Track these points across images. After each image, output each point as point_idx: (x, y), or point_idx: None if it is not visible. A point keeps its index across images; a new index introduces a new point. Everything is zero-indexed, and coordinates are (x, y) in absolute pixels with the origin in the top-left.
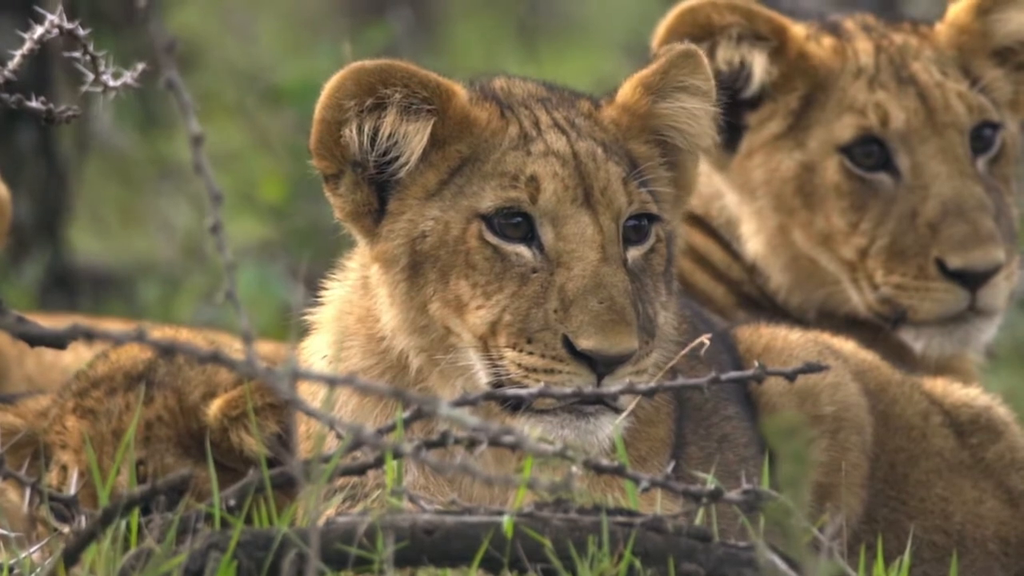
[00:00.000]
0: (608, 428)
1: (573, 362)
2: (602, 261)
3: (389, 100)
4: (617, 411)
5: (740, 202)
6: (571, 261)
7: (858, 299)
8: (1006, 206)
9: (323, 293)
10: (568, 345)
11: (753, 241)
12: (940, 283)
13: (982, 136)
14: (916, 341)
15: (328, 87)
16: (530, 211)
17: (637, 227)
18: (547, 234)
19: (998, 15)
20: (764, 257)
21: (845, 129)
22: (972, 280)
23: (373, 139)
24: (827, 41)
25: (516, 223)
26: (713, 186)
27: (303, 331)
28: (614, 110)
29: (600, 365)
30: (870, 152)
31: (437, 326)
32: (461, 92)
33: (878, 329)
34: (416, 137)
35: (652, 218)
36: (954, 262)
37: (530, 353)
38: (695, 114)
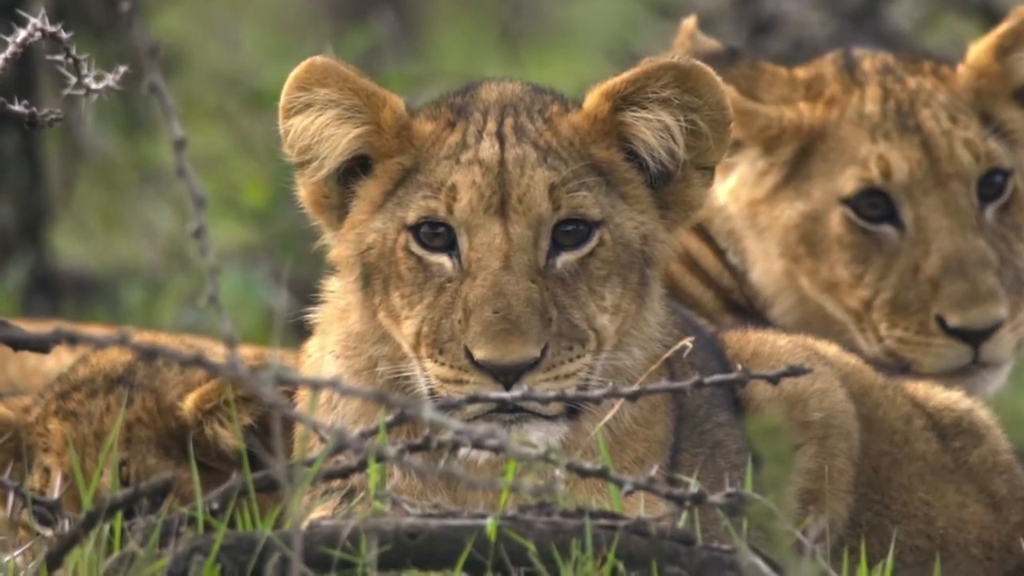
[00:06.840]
0: (538, 434)
1: (476, 372)
2: (503, 270)
3: (322, 99)
4: (547, 417)
5: (748, 237)
6: (477, 271)
7: (865, 347)
8: (1014, 255)
9: (322, 293)
10: (470, 355)
11: (761, 279)
12: (941, 339)
13: (992, 183)
14: None
15: (291, 75)
16: (448, 221)
17: (572, 232)
18: (464, 244)
19: (1019, 54)
20: (772, 295)
21: (848, 181)
22: (973, 337)
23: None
24: (833, 89)
25: (439, 233)
26: (718, 198)
27: (286, 335)
28: (579, 115)
29: (499, 375)
30: (874, 204)
31: (389, 336)
32: (397, 104)
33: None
34: (343, 141)
35: (595, 223)
36: (953, 320)
37: (441, 364)
38: (668, 127)
